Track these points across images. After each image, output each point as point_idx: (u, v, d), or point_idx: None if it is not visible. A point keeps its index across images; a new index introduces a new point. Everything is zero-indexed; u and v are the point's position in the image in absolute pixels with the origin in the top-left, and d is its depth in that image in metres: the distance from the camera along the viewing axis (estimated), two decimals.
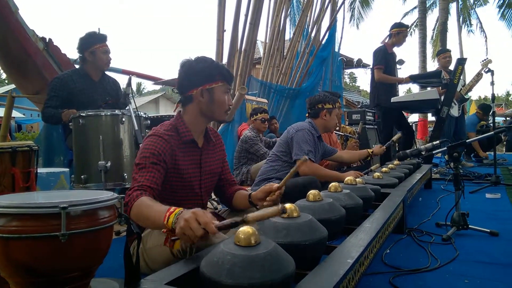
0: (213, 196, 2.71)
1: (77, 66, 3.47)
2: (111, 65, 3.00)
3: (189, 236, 1.06)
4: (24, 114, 15.00)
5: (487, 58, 5.15)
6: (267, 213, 1.02)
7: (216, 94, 1.57)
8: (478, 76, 5.54)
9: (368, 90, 5.61)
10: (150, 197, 1.32)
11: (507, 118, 9.81)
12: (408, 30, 5.06)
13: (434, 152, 2.49)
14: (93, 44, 2.80)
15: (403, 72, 14.31)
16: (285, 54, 7.64)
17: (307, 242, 1.11)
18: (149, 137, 1.50)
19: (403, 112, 5.51)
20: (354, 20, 18.22)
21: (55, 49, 3.71)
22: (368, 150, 3.26)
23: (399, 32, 4.95)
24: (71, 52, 3.73)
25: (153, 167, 1.41)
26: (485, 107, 7.36)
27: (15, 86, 4.64)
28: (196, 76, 1.56)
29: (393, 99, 4.84)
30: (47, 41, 3.66)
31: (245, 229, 0.96)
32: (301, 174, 2.68)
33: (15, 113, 13.59)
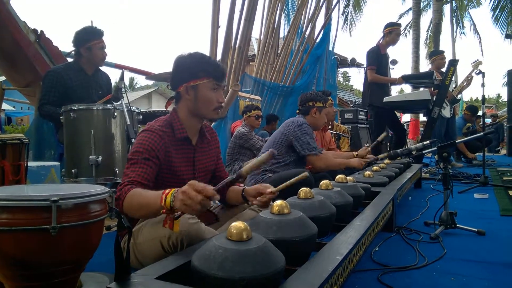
0: None
1: (69, 59, 3.45)
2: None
3: (190, 205, 1.09)
4: (14, 107, 14.79)
5: (478, 60, 5.21)
6: (259, 160, 1.12)
7: (201, 92, 1.53)
8: (469, 79, 5.60)
9: (361, 89, 5.65)
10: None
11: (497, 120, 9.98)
12: (400, 28, 5.09)
13: (424, 152, 2.52)
14: (90, 40, 2.77)
15: (396, 72, 14.43)
16: (279, 51, 7.64)
17: (297, 238, 1.12)
18: (143, 132, 1.49)
19: (396, 113, 5.56)
20: (347, 24, 18.32)
21: (46, 41, 3.68)
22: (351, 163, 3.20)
23: (391, 31, 4.99)
24: (63, 44, 3.70)
25: (145, 162, 1.41)
26: (473, 108, 7.42)
27: (5, 78, 4.59)
28: (183, 72, 1.54)
29: (385, 99, 4.88)
30: (38, 33, 3.62)
31: (237, 224, 0.97)
32: (317, 170, 2.78)
33: (5, 106, 13.41)
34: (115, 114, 2.43)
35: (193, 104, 1.54)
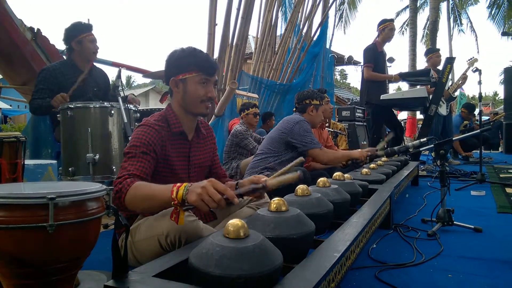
0: None
1: (65, 57, 3.44)
2: (101, 57, 2.97)
3: (207, 201, 1.10)
4: (11, 106, 14.75)
5: (473, 57, 5.22)
6: (286, 179, 1.09)
7: (189, 85, 1.51)
8: (464, 76, 5.62)
9: (359, 87, 5.67)
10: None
11: (494, 118, 9.97)
12: (393, 23, 5.09)
13: (421, 149, 2.53)
14: (80, 33, 2.78)
15: (393, 70, 14.46)
16: (276, 49, 7.63)
17: (294, 235, 1.12)
18: (140, 127, 1.49)
19: (393, 110, 5.57)
20: (342, 22, 18.40)
21: (43, 39, 3.66)
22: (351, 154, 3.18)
23: (384, 28, 5.00)
24: (60, 43, 3.67)
25: (142, 156, 1.40)
26: (470, 106, 7.45)
27: (1, 77, 4.56)
28: (173, 66, 1.53)
29: (382, 97, 4.89)
30: (35, 31, 3.61)
31: (234, 222, 0.97)
32: (320, 163, 2.83)
33: (1, 104, 13.37)
34: (112, 112, 2.43)
35: (182, 98, 1.54)
